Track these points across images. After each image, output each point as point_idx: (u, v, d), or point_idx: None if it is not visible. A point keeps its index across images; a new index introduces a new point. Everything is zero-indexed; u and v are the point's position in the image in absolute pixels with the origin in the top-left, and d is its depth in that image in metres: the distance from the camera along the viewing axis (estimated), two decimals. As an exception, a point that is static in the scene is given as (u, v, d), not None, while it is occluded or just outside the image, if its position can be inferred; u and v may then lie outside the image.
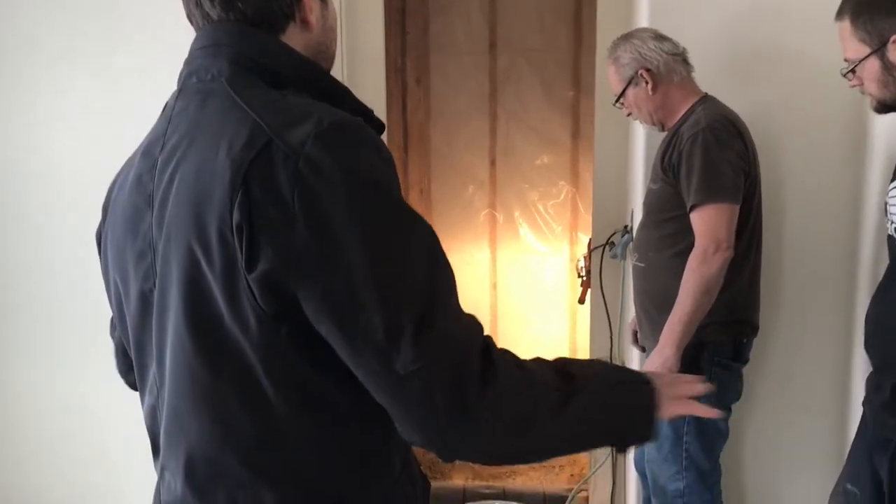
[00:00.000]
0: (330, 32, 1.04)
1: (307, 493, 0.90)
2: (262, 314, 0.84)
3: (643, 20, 2.44)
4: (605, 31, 2.89)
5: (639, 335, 2.28)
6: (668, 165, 2.05)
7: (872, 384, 1.64)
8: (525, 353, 3.58)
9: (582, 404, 0.94)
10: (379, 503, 0.94)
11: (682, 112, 2.11)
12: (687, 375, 1.18)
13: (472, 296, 4.12)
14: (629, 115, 2.24)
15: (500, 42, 3.87)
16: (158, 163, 0.95)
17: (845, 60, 1.57)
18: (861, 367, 2.27)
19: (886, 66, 1.49)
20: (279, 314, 0.84)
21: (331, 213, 0.82)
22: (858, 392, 2.30)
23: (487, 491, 3.07)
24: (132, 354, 1.04)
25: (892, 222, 1.57)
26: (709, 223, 1.95)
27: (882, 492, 1.61)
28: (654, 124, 2.19)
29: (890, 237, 1.59)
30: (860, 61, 1.53)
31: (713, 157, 1.96)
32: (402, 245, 0.86)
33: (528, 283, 4.08)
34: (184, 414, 0.92)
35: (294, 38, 0.99)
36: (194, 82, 0.96)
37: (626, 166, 2.88)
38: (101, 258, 1.08)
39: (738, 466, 2.50)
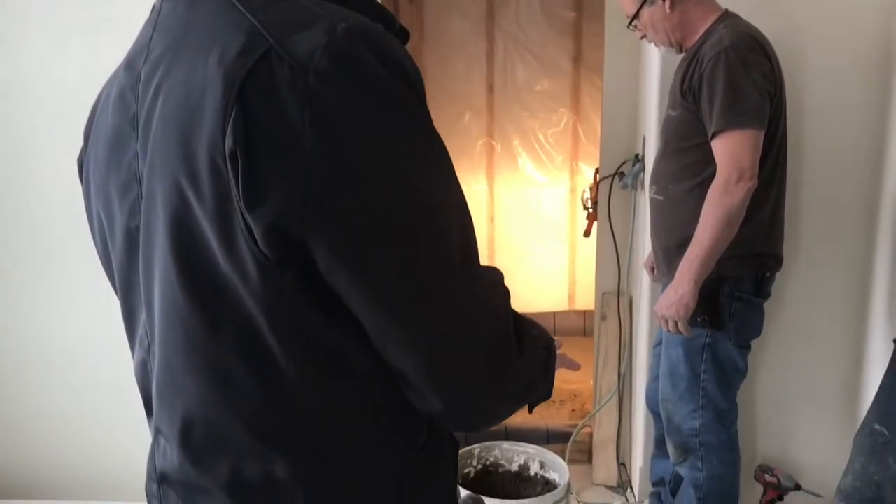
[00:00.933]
0: None
1: (325, 461, 0.78)
2: (263, 260, 0.70)
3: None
4: (614, -54, 2.71)
5: (656, 271, 2.17)
6: (687, 89, 1.91)
7: (908, 321, 1.54)
8: (525, 288, 3.50)
9: (552, 368, 0.89)
10: (405, 470, 0.83)
11: (702, 31, 1.96)
12: None
13: (469, 229, 4.00)
14: (643, 37, 2.08)
15: (499, -39, 3.66)
16: (142, 76, 0.80)
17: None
18: (882, 302, 2.18)
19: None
20: (284, 260, 0.70)
21: (352, 140, 0.68)
22: (877, 328, 2.22)
23: (490, 428, 3.01)
24: (119, 299, 0.91)
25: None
26: (732, 150, 1.83)
27: (914, 433, 1.54)
28: (671, 46, 2.03)
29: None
30: None
31: (737, 78, 1.82)
32: (438, 179, 0.73)
33: (526, 216, 3.97)
34: (178, 372, 0.80)
35: None
36: None
37: (637, 91, 2.72)
38: (83, 189, 0.93)
39: (752, 404, 2.44)
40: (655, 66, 2.34)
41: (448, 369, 0.74)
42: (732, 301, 1.97)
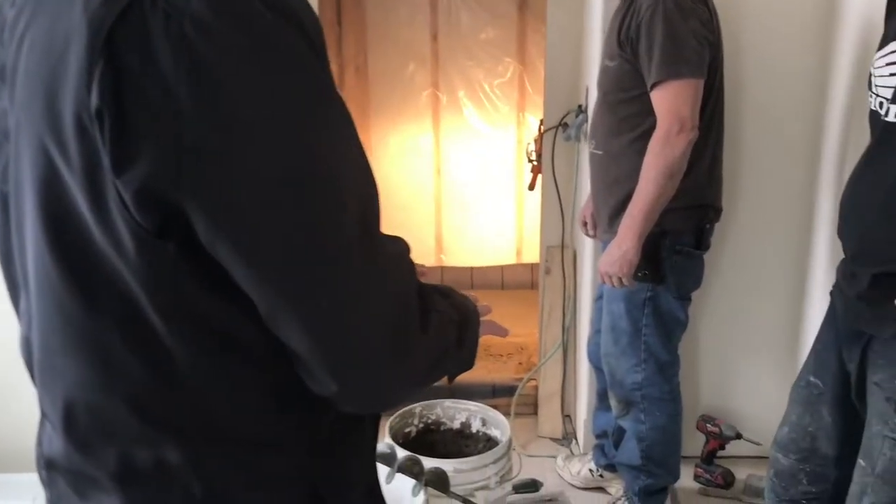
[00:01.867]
0: None
1: (220, 444, 0.72)
2: (139, 230, 0.63)
3: None
4: None
5: (598, 229, 2.14)
6: (625, 39, 1.85)
7: (845, 272, 1.53)
8: (472, 242, 3.44)
9: (468, 340, 0.84)
10: (314, 448, 0.77)
11: None
12: None
13: (414, 182, 3.93)
14: None
15: None
16: (8, 21, 0.72)
17: None
18: (822, 253, 2.19)
19: None
20: (163, 230, 0.63)
21: (233, 96, 0.60)
22: (818, 279, 2.23)
23: (435, 383, 2.98)
24: (2, 270, 0.83)
25: (877, 95, 1.42)
26: (672, 101, 1.79)
27: (846, 387, 1.54)
28: None
29: (873, 112, 1.45)
30: None
31: (676, 27, 1.77)
32: (334, 142, 0.66)
33: (473, 168, 3.90)
34: (56, 352, 0.72)
35: None
36: None
37: (580, 40, 2.66)
38: None
39: (695, 356, 2.45)
40: (598, 15, 2.28)
41: (344, 351, 0.68)
42: (673, 254, 1.95)
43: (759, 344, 2.45)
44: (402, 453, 1.69)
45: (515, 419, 2.81)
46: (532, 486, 2.41)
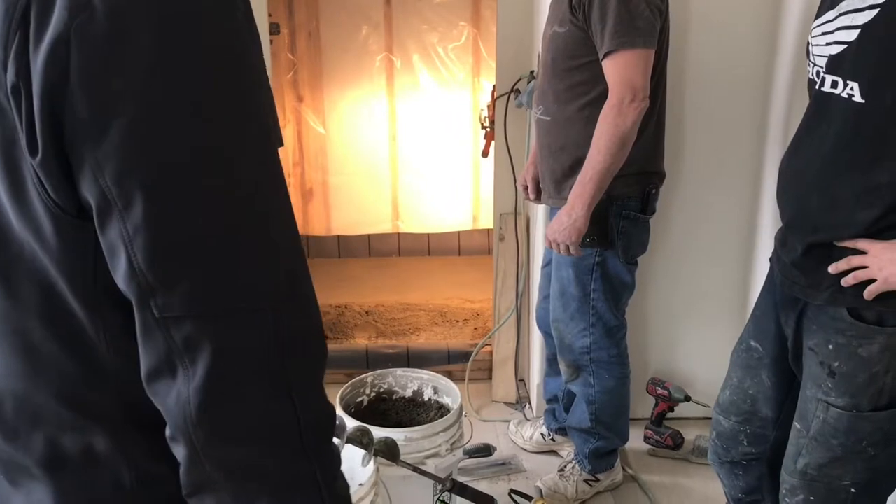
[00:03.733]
0: None
1: (148, 431, 0.71)
2: (58, 213, 0.61)
3: None
4: None
5: (543, 194, 2.15)
6: (577, 6, 1.84)
7: (781, 239, 1.56)
8: (429, 208, 3.42)
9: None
10: None
11: None
12: None
13: (369, 149, 3.90)
14: None
15: None
16: None
17: None
18: (769, 218, 2.22)
19: None
20: (81, 210, 0.61)
21: (121, 77, 0.57)
22: (764, 243, 2.27)
23: (391, 351, 3.00)
24: None
25: (814, 65, 1.43)
26: (625, 71, 1.79)
27: (784, 350, 1.59)
28: None
29: (811, 81, 1.46)
30: None
31: None
32: (230, 136, 0.61)
33: (428, 134, 3.88)
34: None
35: None
36: None
37: (532, 5, 2.63)
38: None
39: (644, 320, 2.49)
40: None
41: (154, 368, 0.63)
42: (620, 220, 1.97)
43: (707, 308, 2.49)
44: (351, 424, 1.70)
45: (470, 384, 2.84)
46: (485, 450, 2.44)
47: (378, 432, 1.72)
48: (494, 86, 2.80)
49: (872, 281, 1.35)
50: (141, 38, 0.57)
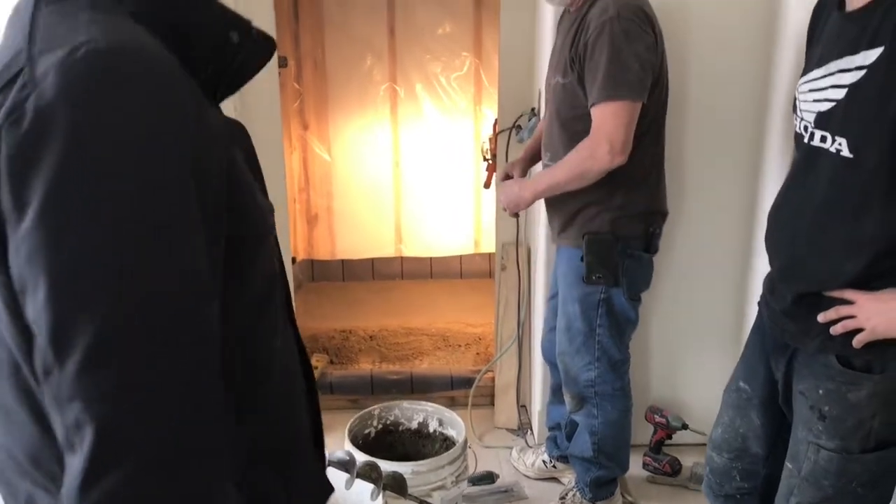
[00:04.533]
0: None
1: None
2: (5, 293, 0.65)
3: None
4: None
5: (552, 236, 2.22)
6: (574, 57, 1.91)
7: (770, 286, 1.63)
8: (432, 233, 3.49)
9: None
10: None
11: None
12: None
13: (374, 174, 3.97)
14: None
15: None
16: None
17: None
18: (762, 256, 2.29)
19: None
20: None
21: (33, 174, 0.61)
22: (758, 279, 2.34)
23: (395, 377, 3.07)
24: None
25: (802, 119, 1.50)
26: (606, 121, 1.86)
27: (773, 392, 1.64)
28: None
29: (798, 135, 1.53)
30: None
31: (620, 50, 1.82)
32: (107, 256, 0.62)
33: (431, 160, 3.95)
34: None
35: None
36: None
37: (533, 45, 2.72)
38: None
39: (645, 350, 2.56)
40: (549, 20, 2.34)
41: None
42: (625, 258, 2.04)
43: (704, 340, 2.56)
44: (361, 458, 1.77)
45: (473, 410, 2.90)
46: (488, 478, 2.51)
47: (386, 466, 1.78)
48: (496, 120, 2.87)
49: (860, 330, 1.42)
50: (54, 140, 0.61)
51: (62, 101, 0.61)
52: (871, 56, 1.31)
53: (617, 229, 2.00)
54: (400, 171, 3.98)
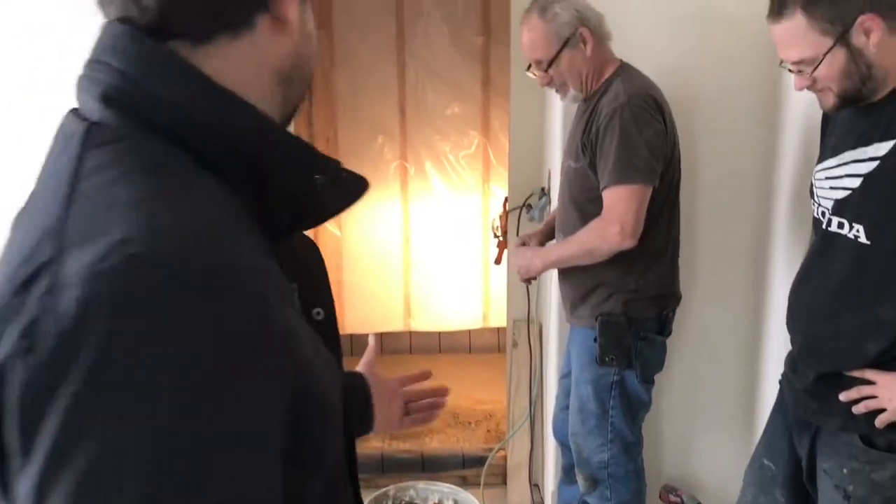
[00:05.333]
0: (308, 38, 0.71)
1: None
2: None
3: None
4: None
5: (565, 314, 2.24)
6: (586, 142, 1.96)
7: (792, 366, 1.64)
8: (441, 307, 3.51)
9: None
10: None
11: (604, 78, 2.01)
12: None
13: (383, 249, 4.02)
14: (548, 84, 2.04)
15: (406, -15, 3.68)
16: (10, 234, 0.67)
17: (795, 64, 1.42)
18: (774, 336, 2.31)
19: (852, 53, 1.34)
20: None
21: (45, 419, 0.51)
22: (770, 359, 2.35)
23: (406, 455, 3.03)
24: None
25: (819, 205, 1.55)
26: (617, 204, 1.89)
27: (797, 468, 1.64)
28: (581, 91, 2.02)
29: (816, 220, 1.57)
30: (823, 56, 1.36)
31: (631, 136, 1.87)
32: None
33: (440, 236, 4.00)
34: None
35: (259, 43, 0.66)
36: (74, 112, 0.67)
37: (542, 125, 2.79)
38: None
39: (658, 429, 2.54)
40: (558, 104, 2.40)
41: None
42: (638, 341, 2.05)
43: (717, 419, 2.55)
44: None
45: (485, 489, 2.86)
46: (503, 560, 2.46)
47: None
48: (507, 198, 2.93)
49: (883, 410, 1.42)
50: (74, 380, 0.51)
51: (84, 331, 0.50)
52: (883, 148, 1.37)
53: (630, 311, 2.01)
54: (409, 246, 4.03)
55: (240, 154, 0.64)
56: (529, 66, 2.06)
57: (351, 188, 0.71)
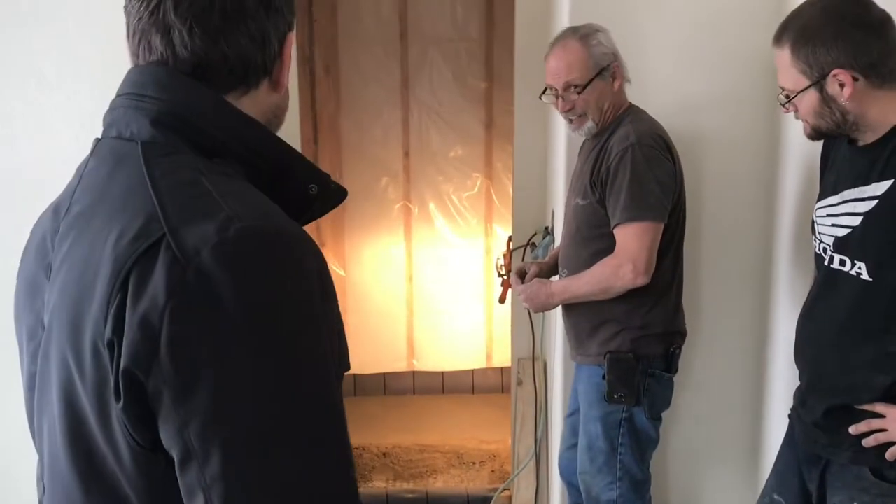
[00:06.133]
0: (287, 96, 0.90)
1: None
2: (135, 446, 0.71)
3: (564, 10, 2.39)
4: (524, 21, 2.84)
5: (570, 352, 2.26)
6: (596, 180, 2.00)
7: (801, 399, 1.66)
8: (443, 347, 3.51)
9: None
10: None
11: (613, 119, 2.05)
12: None
13: (387, 289, 4.04)
14: (568, 110, 2.03)
15: (411, 31, 3.77)
16: (61, 228, 0.82)
17: (781, 88, 1.53)
18: (778, 373, 2.32)
19: (825, 98, 1.44)
20: (157, 447, 0.71)
21: (204, 346, 0.67)
22: (774, 394, 2.36)
23: (410, 496, 3.02)
24: (31, 433, 0.91)
25: (821, 242, 1.58)
26: (630, 242, 1.93)
27: (807, 503, 1.64)
28: (597, 124, 2.04)
29: (818, 256, 1.60)
30: (798, 93, 1.48)
31: (642, 175, 1.92)
32: (299, 404, 0.70)
33: (443, 276, 4.03)
34: None
35: (259, 97, 0.85)
36: (113, 137, 0.82)
37: (545, 165, 2.84)
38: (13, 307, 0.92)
39: (665, 465, 2.54)
40: (562, 143, 2.45)
41: None
42: (646, 378, 2.06)
43: (723, 456, 2.55)
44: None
45: (491, 530, 2.85)
46: None
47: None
48: (510, 237, 2.97)
49: (893, 443, 1.44)
50: (225, 320, 0.67)
51: (229, 282, 0.67)
52: (881, 187, 1.41)
53: (638, 349, 2.03)
54: (413, 286, 4.05)
55: (261, 162, 0.81)
56: (544, 91, 2.08)
57: (335, 197, 0.88)
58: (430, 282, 4.04)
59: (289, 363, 0.70)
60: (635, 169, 1.91)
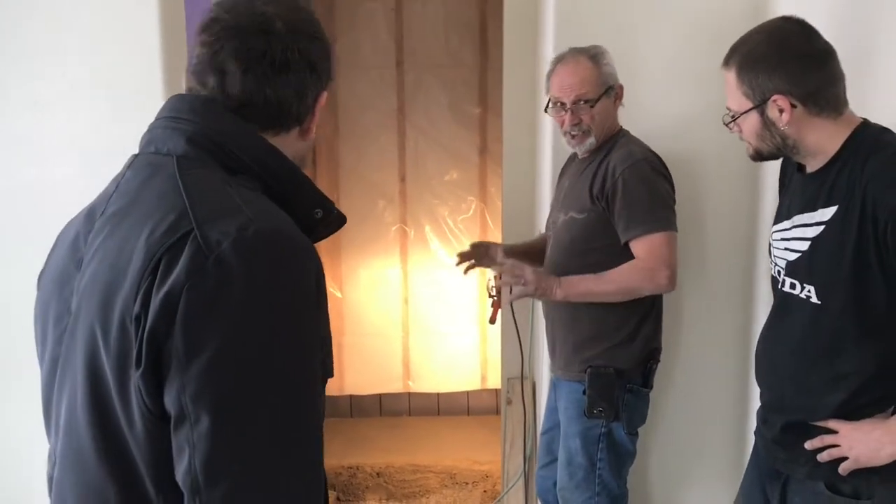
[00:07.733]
0: (312, 144, 1.05)
1: None
2: (148, 415, 0.82)
3: (549, 40, 2.47)
4: (512, 50, 2.93)
5: (553, 363, 2.31)
6: (599, 195, 2.06)
7: (763, 417, 1.71)
8: (438, 368, 3.55)
9: None
10: None
11: (607, 139, 2.13)
12: None
13: (383, 311, 4.10)
14: (575, 124, 2.09)
15: (407, 59, 3.87)
16: (95, 228, 0.93)
17: (728, 108, 1.59)
18: (758, 387, 2.37)
19: (765, 121, 1.51)
20: (164, 416, 0.81)
21: (212, 320, 0.79)
22: (753, 410, 2.40)
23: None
24: (43, 414, 1.00)
25: (776, 264, 1.64)
26: (660, 249, 1.98)
27: (772, 519, 1.68)
28: (596, 141, 2.11)
29: (774, 278, 1.66)
30: (742, 114, 1.54)
31: (657, 188, 2.02)
32: (286, 380, 0.83)
33: (439, 298, 4.09)
34: (68, 491, 0.90)
35: (289, 140, 0.99)
36: (150, 152, 0.94)
37: (533, 188, 2.91)
38: (34, 304, 1.04)
39: (645, 484, 2.58)
40: (548, 165, 2.52)
41: None
42: (625, 393, 2.12)
43: (704, 471, 2.59)
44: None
45: (480, 549, 2.88)
46: None
47: None
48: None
49: (846, 458, 1.48)
50: (232, 301, 0.80)
51: (241, 270, 0.79)
52: (827, 213, 1.47)
53: (619, 364, 2.09)
54: (409, 308, 4.11)
55: (275, 183, 0.94)
56: (547, 106, 2.15)
57: (336, 223, 1.01)
58: (425, 304, 4.10)
59: (280, 344, 0.82)
60: (648, 182, 2.00)
